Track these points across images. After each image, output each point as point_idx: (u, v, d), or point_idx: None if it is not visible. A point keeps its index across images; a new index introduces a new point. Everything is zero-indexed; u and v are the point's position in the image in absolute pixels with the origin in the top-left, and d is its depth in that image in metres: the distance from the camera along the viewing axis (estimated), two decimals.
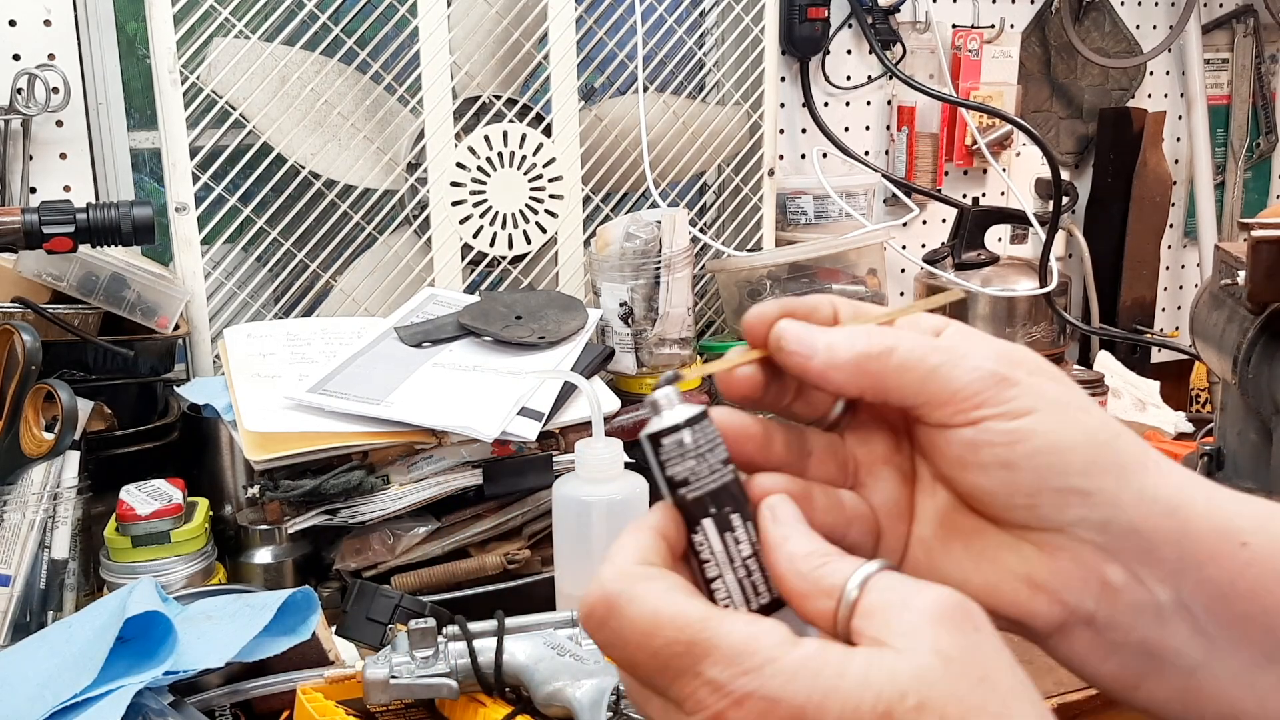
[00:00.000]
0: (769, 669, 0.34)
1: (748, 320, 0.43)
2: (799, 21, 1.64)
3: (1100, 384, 1.38)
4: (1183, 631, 0.41)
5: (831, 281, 1.44)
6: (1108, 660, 0.42)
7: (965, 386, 0.40)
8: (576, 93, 1.40)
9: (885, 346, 0.41)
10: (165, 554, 0.97)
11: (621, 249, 1.30)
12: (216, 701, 0.82)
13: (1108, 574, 0.40)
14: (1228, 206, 2.07)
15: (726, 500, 0.39)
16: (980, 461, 0.40)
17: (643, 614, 0.35)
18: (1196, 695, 0.41)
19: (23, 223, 1.01)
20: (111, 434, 1.10)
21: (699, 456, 0.39)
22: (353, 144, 1.31)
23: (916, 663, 0.33)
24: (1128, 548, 0.40)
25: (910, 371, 0.40)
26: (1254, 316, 1.02)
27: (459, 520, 1.05)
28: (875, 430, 0.44)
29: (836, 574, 0.36)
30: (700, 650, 0.34)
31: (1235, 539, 0.40)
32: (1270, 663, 0.40)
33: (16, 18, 1.30)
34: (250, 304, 1.30)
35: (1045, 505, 0.40)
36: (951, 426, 0.40)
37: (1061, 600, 0.41)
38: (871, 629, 0.35)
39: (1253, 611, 0.40)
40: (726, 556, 0.38)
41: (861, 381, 0.41)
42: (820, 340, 0.41)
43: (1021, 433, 0.40)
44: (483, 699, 0.82)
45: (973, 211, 1.66)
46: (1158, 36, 1.95)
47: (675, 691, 0.35)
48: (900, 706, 0.33)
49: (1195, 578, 0.40)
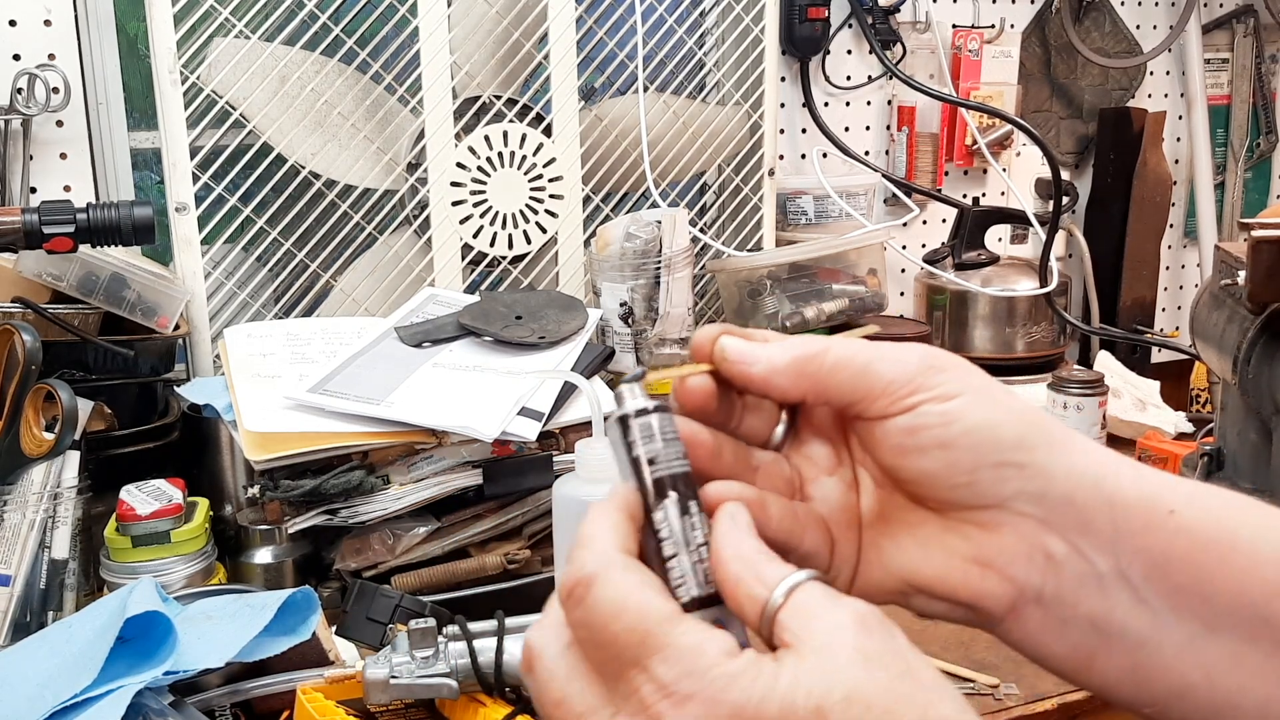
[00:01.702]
0: (712, 673, 0.36)
1: (695, 340, 0.45)
2: (799, 21, 1.64)
3: (1100, 384, 1.38)
4: (1125, 602, 0.43)
5: (832, 281, 1.44)
6: (1060, 639, 0.44)
7: (898, 376, 0.43)
8: (576, 93, 1.40)
9: (820, 348, 0.44)
10: (165, 554, 0.97)
11: (621, 249, 1.30)
12: (216, 701, 0.82)
13: (1049, 546, 0.43)
14: (1228, 206, 2.07)
15: (686, 487, 0.41)
16: (919, 445, 0.43)
17: (612, 598, 0.37)
18: (1147, 671, 0.43)
19: (23, 223, 1.01)
20: (111, 434, 1.10)
21: (665, 441, 0.41)
22: (353, 144, 1.31)
23: (841, 661, 0.35)
24: (1065, 520, 0.43)
25: (844, 369, 0.43)
26: (1254, 316, 1.02)
27: (459, 520, 1.05)
28: (816, 445, 0.47)
29: (769, 576, 0.38)
30: (653, 645, 0.36)
31: (1163, 508, 0.43)
32: (1212, 634, 0.42)
33: (16, 18, 1.30)
34: (250, 304, 1.30)
35: (984, 481, 0.43)
36: (889, 416, 0.43)
37: (1010, 577, 0.43)
38: (791, 631, 0.37)
39: (1187, 581, 0.42)
40: (684, 539, 0.40)
41: (802, 384, 0.44)
42: (760, 350, 0.44)
43: (954, 413, 0.42)
44: (483, 699, 0.82)
45: (973, 211, 1.66)
46: (1158, 36, 1.95)
47: (624, 685, 0.37)
48: (829, 700, 0.35)
49: (1130, 546, 0.42)
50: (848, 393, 0.44)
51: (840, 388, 0.44)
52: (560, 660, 0.39)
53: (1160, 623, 0.43)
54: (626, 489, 0.41)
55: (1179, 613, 0.42)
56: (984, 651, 0.97)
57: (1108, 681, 0.44)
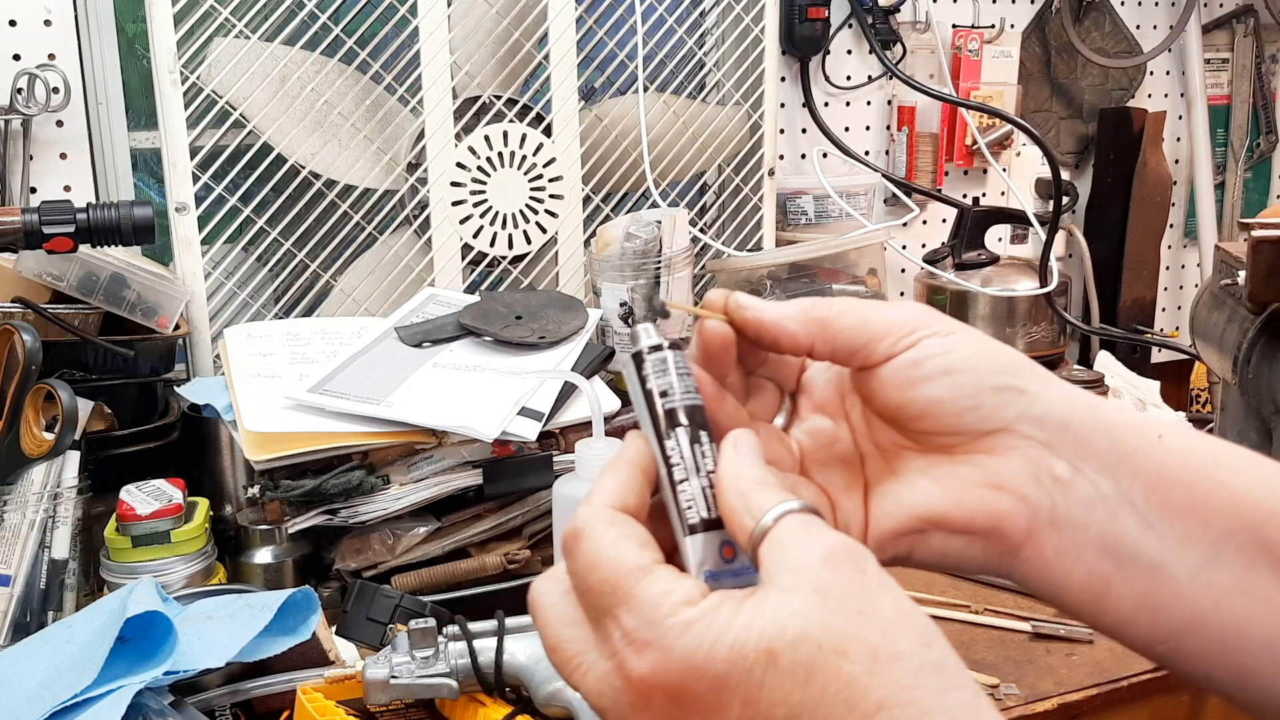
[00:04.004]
0: (667, 622, 0.38)
1: (708, 299, 0.48)
2: (799, 21, 1.64)
3: (1100, 384, 1.38)
4: (1132, 525, 0.44)
5: (831, 281, 1.44)
6: (1077, 564, 0.45)
7: (898, 318, 0.47)
8: (576, 93, 1.40)
9: (825, 301, 0.47)
10: (165, 554, 0.97)
11: (621, 249, 1.30)
12: (216, 701, 0.82)
13: (1054, 468, 0.45)
14: (1228, 206, 2.07)
15: (698, 418, 0.43)
16: (925, 373, 0.46)
17: (590, 550, 0.40)
18: (1161, 600, 0.44)
19: (23, 223, 1.01)
20: (111, 434, 1.10)
21: (678, 376, 0.44)
22: (353, 144, 1.31)
23: (796, 600, 0.37)
24: (1066, 442, 0.45)
25: (848, 316, 0.47)
26: (1254, 316, 1.02)
27: (459, 520, 1.05)
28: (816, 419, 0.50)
29: (764, 501, 0.40)
30: (621, 595, 0.39)
31: (1151, 433, 0.45)
32: (1218, 561, 0.44)
33: (16, 18, 1.30)
34: (250, 304, 1.30)
35: (988, 404, 0.45)
36: (895, 355, 0.46)
37: (1023, 496, 0.45)
38: (766, 567, 0.38)
39: (1184, 503, 0.44)
40: (694, 465, 0.42)
41: (810, 329, 0.47)
42: (772, 303, 0.48)
43: (954, 341, 0.46)
44: (483, 699, 0.82)
45: (973, 211, 1.66)
46: (1158, 36, 1.95)
47: (602, 630, 0.39)
48: (780, 641, 0.36)
49: (1128, 468, 0.45)
50: (854, 337, 0.46)
51: (847, 332, 0.46)
52: (557, 607, 0.41)
53: (1168, 548, 0.44)
54: (636, 437, 0.44)
55: (1184, 539, 0.44)
56: (984, 651, 0.97)
57: (1124, 614, 0.45)
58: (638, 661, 0.38)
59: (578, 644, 0.40)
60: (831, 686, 0.36)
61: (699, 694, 0.37)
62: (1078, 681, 0.92)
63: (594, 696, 0.40)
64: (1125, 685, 0.92)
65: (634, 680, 0.38)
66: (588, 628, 0.40)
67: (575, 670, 0.40)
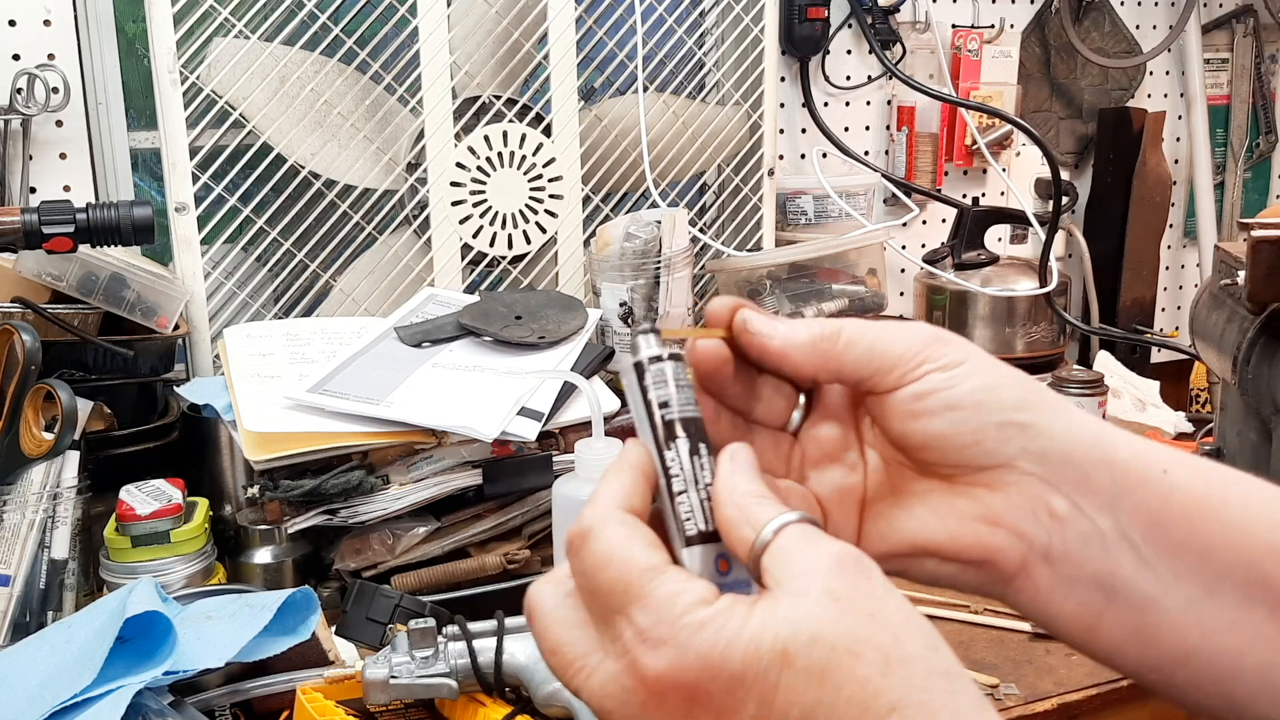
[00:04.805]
0: (682, 620, 0.38)
1: (711, 308, 0.47)
2: (799, 21, 1.64)
3: (1100, 384, 1.38)
4: (1129, 563, 0.44)
5: (831, 281, 1.44)
6: (1068, 598, 0.45)
7: (907, 349, 0.46)
8: (576, 93, 1.40)
9: (834, 329, 0.47)
10: (165, 554, 0.97)
11: (621, 249, 1.30)
12: (216, 701, 0.82)
13: (1053, 504, 0.45)
14: (1228, 206, 2.07)
15: (696, 430, 0.43)
16: (928, 408, 0.45)
17: (602, 550, 0.40)
18: (1151, 633, 0.45)
19: (23, 223, 1.01)
20: (111, 434, 1.10)
21: (678, 388, 0.43)
22: (353, 144, 1.31)
23: (807, 603, 0.37)
24: (1066, 477, 0.45)
25: (856, 346, 0.46)
26: (1254, 316, 1.02)
27: (459, 520, 1.05)
28: (827, 426, 0.49)
29: (763, 513, 0.40)
30: (634, 594, 0.38)
31: (1157, 467, 0.45)
32: (1212, 596, 0.44)
33: (16, 18, 1.30)
34: (250, 304, 1.30)
35: (989, 440, 0.45)
36: (900, 386, 0.46)
37: (1020, 533, 0.45)
38: (771, 575, 0.38)
39: (1184, 539, 0.44)
40: (693, 477, 0.42)
41: (815, 360, 0.46)
42: (780, 325, 0.47)
43: (959, 376, 0.45)
44: (483, 699, 0.82)
45: (973, 211, 1.66)
46: (1158, 36, 1.95)
47: (610, 630, 0.39)
48: (795, 642, 0.36)
49: (1128, 504, 0.44)
50: (861, 368, 0.46)
51: (855, 364, 0.46)
52: (558, 610, 0.41)
53: (1162, 583, 0.44)
54: (638, 444, 0.44)
55: (1179, 574, 0.44)
56: (984, 651, 0.97)
57: (1114, 644, 0.45)
58: (653, 659, 0.38)
59: (580, 646, 0.40)
60: (845, 688, 0.36)
61: (714, 693, 0.37)
62: (1077, 681, 0.92)
63: (599, 699, 0.39)
64: (1125, 685, 0.92)
65: (648, 679, 0.38)
66: (591, 630, 0.40)
67: (579, 673, 0.40)
